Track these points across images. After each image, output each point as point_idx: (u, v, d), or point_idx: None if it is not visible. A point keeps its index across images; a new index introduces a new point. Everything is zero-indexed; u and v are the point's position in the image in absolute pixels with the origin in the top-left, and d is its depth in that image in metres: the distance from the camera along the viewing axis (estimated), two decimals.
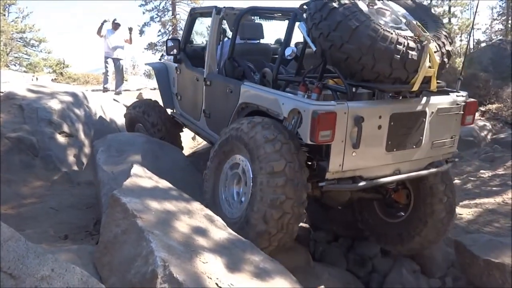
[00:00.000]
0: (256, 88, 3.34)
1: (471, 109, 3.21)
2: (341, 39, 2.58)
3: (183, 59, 4.72)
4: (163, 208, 2.44)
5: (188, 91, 4.68)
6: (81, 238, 3.55)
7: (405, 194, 3.61)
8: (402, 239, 3.56)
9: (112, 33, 9.08)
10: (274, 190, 2.67)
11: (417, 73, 2.65)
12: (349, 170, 2.79)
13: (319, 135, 2.58)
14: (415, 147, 3.00)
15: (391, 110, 2.82)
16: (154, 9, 26.08)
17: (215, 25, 4.07)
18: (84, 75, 15.55)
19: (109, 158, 3.82)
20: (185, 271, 1.90)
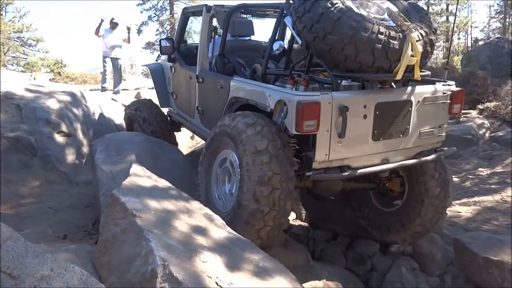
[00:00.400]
0: (244, 82, 3.40)
1: (458, 98, 3.23)
2: (324, 30, 2.64)
3: (177, 58, 4.79)
4: (163, 207, 2.43)
5: (183, 89, 4.75)
6: (80, 238, 3.54)
7: (399, 182, 3.64)
8: (403, 224, 3.57)
9: (110, 32, 9.05)
10: (260, 167, 2.73)
11: (400, 62, 2.69)
12: (336, 159, 2.83)
13: (303, 125, 2.62)
14: (402, 136, 3.03)
15: (376, 100, 2.86)
16: (152, 8, 26.02)
17: (206, 23, 4.13)
18: (82, 74, 15.51)
19: (108, 158, 3.81)
20: (184, 270, 1.90)
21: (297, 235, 4.40)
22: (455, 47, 23.16)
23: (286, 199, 2.80)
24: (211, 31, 4.21)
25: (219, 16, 4.13)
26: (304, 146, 2.93)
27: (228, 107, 3.56)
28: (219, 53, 3.92)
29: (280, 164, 2.77)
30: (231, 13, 3.87)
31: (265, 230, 2.80)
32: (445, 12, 23.77)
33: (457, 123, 9.53)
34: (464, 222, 4.85)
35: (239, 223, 2.79)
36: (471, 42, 24.92)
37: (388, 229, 3.71)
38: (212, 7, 4.12)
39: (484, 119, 9.69)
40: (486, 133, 9.11)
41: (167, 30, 24.80)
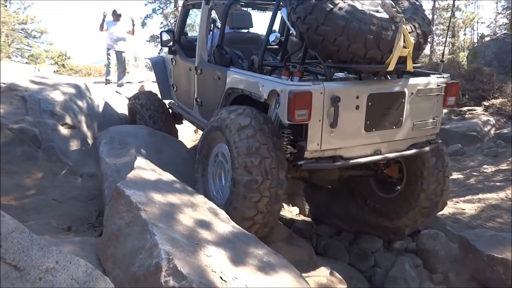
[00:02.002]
0: (240, 73, 3.45)
1: (452, 91, 3.24)
2: (317, 21, 2.68)
3: (177, 50, 4.83)
4: (167, 201, 2.42)
5: (183, 81, 4.79)
6: (84, 230, 3.55)
7: (397, 168, 3.66)
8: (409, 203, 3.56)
9: (113, 24, 9.00)
10: (246, 140, 2.84)
11: (392, 53, 2.72)
12: (328, 149, 2.86)
13: (295, 114, 2.65)
14: (395, 127, 3.05)
15: (369, 91, 2.89)
16: (156, 1, 25.92)
17: (205, 15, 4.18)
18: (86, 67, 15.51)
19: (112, 150, 3.81)
20: (189, 264, 1.89)
21: (300, 230, 4.39)
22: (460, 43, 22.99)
23: (278, 167, 2.84)
24: (210, 23, 4.25)
25: (218, 8, 4.13)
26: (298, 136, 2.97)
27: (225, 98, 3.60)
28: (217, 45, 3.94)
29: (265, 135, 2.87)
30: (230, 6, 3.89)
31: (263, 202, 2.83)
32: (452, 7, 23.56)
33: (462, 120, 9.47)
34: (468, 220, 4.83)
35: (237, 200, 2.84)
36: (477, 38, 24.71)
37: (397, 213, 3.69)
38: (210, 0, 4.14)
39: (489, 116, 9.61)
40: (491, 130, 9.04)
41: (171, 23, 24.72)
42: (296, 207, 5.43)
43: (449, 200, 5.13)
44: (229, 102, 3.56)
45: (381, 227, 4.10)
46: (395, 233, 4.16)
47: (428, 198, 3.50)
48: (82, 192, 4.41)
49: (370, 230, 4.19)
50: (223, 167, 3.27)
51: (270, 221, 2.97)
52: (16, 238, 1.46)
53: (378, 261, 3.90)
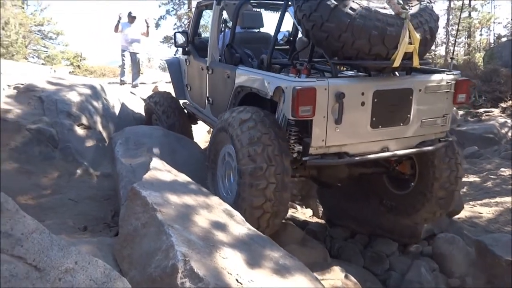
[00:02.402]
0: (248, 71, 3.50)
1: (463, 88, 3.19)
2: (321, 18, 2.70)
3: (191, 51, 4.91)
4: (183, 202, 2.43)
5: (196, 81, 4.86)
6: (100, 230, 3.58)
7: (409, 164, 3.62)
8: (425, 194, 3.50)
9: (128, 26, 9.09)
10: (248, 132, 2.91)
11: (397, 49, 2.71)
12: (334, 145, 2.87)
13: (299, 110, 2.68)
14: (402, 124, 3.03)
15: (374, 87, 2.88)
16: (170, 2, 26.13)
17: (216, 15, 4.24)
18: (101, 67, 15.70)
19: (127, 151, 3.84)
20: (205, 266, 1.89)
21: (314, 232, 4.38)
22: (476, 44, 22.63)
23: (281, 155, 2.88)
24: (221, 23, 4.31)
25: (229, 9, 4.18)
26: (305, 134, 2.98)
27: (234, 96, 3.64)
28: (227, 44, 4.00)
29: (266, 126, 2.94)
30: (240, 6, 3.94)
31: (270, 189, 2.83)
32: (467, 7, 23.23)
33: (478, 122, 9.33)
34: (486, 224, 4.76)
35: (244, 190, 2.87)
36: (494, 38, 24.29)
37: (414, 208, 3.62)
38: (222, 0, 4.19)
39: (506, 118, 9.45)
40: (508, 132, 8.89)
41: (185, 24, 24.88)
42: (309, 209, 5.41)
43: (465, 204, 5.07)
44: (238, 101, 3.60)
45: (396, 229, 4.06)
46: (411, 236, 4.12)
47: (442, 187, 3.43)
48: (97, 192, 4.46)
49: (385, 233, 4.15)
50: (231, 167, 3.29)
51: (281, 210, 2.95)
52: (36, 239, 1.47)
53: (393, 265, 3.86)
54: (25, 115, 4.97)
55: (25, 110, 5.05)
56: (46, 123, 4.94)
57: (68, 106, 5.23)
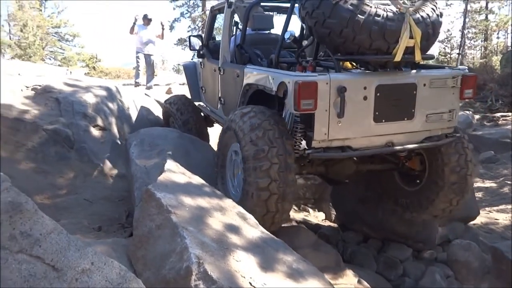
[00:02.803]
0: (255, 69, 3.57)
1: (469, 83, 3.18)
2: (324, 15, 2.79)
3: (205, 54, 5.02)
4: (197, 204, 2.44)
5: (209, 82, 4.96)
6: (114, 230, 3.62)
7: (419, 160, 3.61)
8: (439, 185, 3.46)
9: (143, 28, 9.19)
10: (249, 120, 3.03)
11: (398, 43, 2.76)
12: (336, 139, 2.91)
13: (301, 104, 2.73)
14: (407, 119, 3.04)
15: (377, 82, 2.92)
16: (184, 5, 26.32)
17: (227, 18, 4.36)
18: (116, 69, 15.88)
19: (142, 152, 3.88)
20: (219, 269, 1.90)
21: (327, 236, 4.35)
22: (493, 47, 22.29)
23: (282, 137, 2.96)
24: (232, 25, 4.43)
25: (240, 11, 4.25)
26: (309, 130, 3.01)
27: (243, 95, 3.71)
28: (237, 45, 4.11)
29: (266, 115, 3.04)
30: (251, 8, 4.02)
31: (274, 169, 2.88)
32: (484, 10, 22.90)
33: (495, 126, 9.18)
34: (502, 230, 4.67)
35: (249, 174, 2.93)
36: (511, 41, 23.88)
37: (428, 199, 3.57)
38: (232, 3, 4.31)
39: None
40: None
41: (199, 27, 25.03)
42: (322, 212, 5.38)
43: (481, 209, 4.98)
44: (246, 99, 3.67)
45: (410, 235, 4.02)
46: (425, 242, 4.07)
47: (453, 171, 3.38)
48: (112, 193, 4.50)
49: (398, 238, 4.11)
50: (237, 164, 3.35)
51: (287, 192, 2.95)
52: (54, 239, 1.50)
53: (407, 270, 3.81)
54: (42, 116, 5.05)
55: (42, 111, 5.14)
56: (63, 124, 5.02)
57: (84, 108, 5.30)
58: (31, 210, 1.49)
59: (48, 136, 4.88)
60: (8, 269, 1.37)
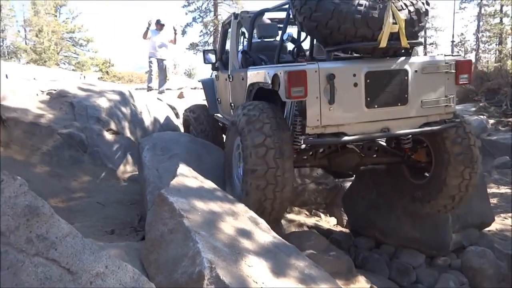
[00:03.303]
0: (256, 68, 3.73)
1: (464, 68, 3.22)
2: (310, 10, 2.97)
3: (219, 66, 5.25)
4: (209, 208, 2.45)
5: (223, 91, 5.12)
6: (126, 234, 3.64)
7: (425, 152, 3.63)
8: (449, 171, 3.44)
9: (156, 33, 9.27)
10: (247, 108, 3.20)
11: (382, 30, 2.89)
12: (330, 125, 3.00)
13: (291, 91, 2.87)
14: (400, 104, 3.10)
15: (366, 68, 3.02)
16: (196, 10, 26.55)
17: (234, 28, 4.63)
18: (128, 74, 16.07)
19: (155, 157, 3.91)
20: (231, 274, 1.90)
21: (338, 241, 4.32)
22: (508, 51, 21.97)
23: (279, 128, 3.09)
24: (239, 35, 4.72)
25: (245, 22, 4.49)
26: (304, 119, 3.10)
27: (248, 96, 3.84)
28: (242, 51, 4.32)
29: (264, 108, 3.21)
30: (255, 18, 4.27)
31: (270, 155, 2.99)
32: (499, 13, 22.62)
33: (510, 131, 9.04)
34: None
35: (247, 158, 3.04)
36: None
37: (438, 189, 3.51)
38: (238, 14, 4.63)
39: None
40: None
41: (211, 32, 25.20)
42: (333, 217, 5.35)
43: (496, 216, 4.90)
44: (251, 99, 3.78)
45: (423, 241, 3.97)
46: (438, 248, 4.02)
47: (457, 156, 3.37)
48: (124, 196, 4.55)
49: (411, 244, 4.07)
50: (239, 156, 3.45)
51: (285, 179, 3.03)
52: (70, 242, 1.52)
53: (420, 277, 3.77)
54: (57, 120, 5.14)
55: (57, 115, 5.23)
56: (77, 128, 5.09)
57: (97, 112, 5.38)
58: (47, 214, 1.51)
59: (63, 140, 4.96)
60: (25, 272, 1.39)
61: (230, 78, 4.56)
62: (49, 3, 26.53)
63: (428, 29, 25.43)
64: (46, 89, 5.64)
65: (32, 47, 24.07)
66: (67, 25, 26.90)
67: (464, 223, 4.16)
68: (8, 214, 1.44)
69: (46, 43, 22.87)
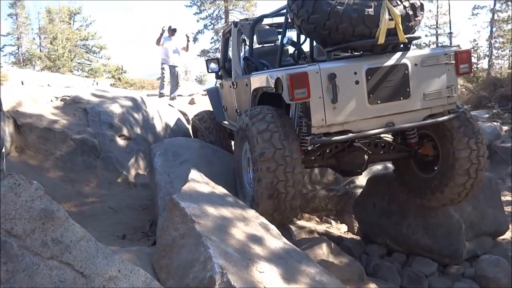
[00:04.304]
0: (259, 74, 3.79)
1: (463, 58, 3.25)
2: (307, 12, 3.03)
3: (223, 75, 5.32)
4: (220, 214, 2.46)
5: (228, 99, 5.18)
6: (138, 239, 3.68)
7: (431, 145, 3.64)
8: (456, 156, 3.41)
9: (169, 39, 9.37)
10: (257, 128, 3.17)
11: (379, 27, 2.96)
12: (334, 124, 3.04)
13: (294, 93, 2.91)
14: (403, 98, 3.13)
15: (366, 66, 3.06)
16: (207, 17, 26.78)
17: (235, 36, 4.73)
18: (140, 80, 16.23)
19: (166, 162, 3.94)
20: (242, 280, 1.91)
21: (349, 248, 4.28)
22: None
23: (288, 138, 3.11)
24: (240, 42, 4.79)
25: (245, 29, 4.57)
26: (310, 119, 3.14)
27: (253, 101, 3.88)
28: (244, 57, 4.44)
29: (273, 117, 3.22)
30: (254, 25, 4.34)
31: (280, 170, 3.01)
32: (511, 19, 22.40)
33: None
34: None
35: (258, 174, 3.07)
36: None
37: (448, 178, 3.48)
38: (238, 23, 4.74)
39: None
40: None
41: None
42: (344, 224, 5.32)
43: (511, 224, 4.82)
44: (256, 103, 3.83)
45: (435, 249, 3.92)
46: (451, 257, 3.96)
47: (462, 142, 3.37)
48: (136, 201, 4.59)
49: (423, 252, 4.02)
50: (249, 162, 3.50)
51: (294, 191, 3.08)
52: (83, 246, 1.54)
53: (432, 286, 3.72)
54: (71, 126, 5.22)
55: (71, 120, 5.31)
56: (90, 134, 5.16)
57: (110, 118, 5.45)
58: (62, 218, 1.54)
59: (76, 146, 5.03)
60: (40, 275, 1.41)
61: (234, 85, 4.63)
62: (63, 12, 27.03)
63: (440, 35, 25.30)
64: (60, 95, 5.74)
65: (46, 54, 24.50)
66: (80, 33, 27.35)
67: (477, 231, 4.10)
68: (24, 217, 1.47)
69: (60, 50, 23.27)
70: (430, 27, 24.88)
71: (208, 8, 26.73)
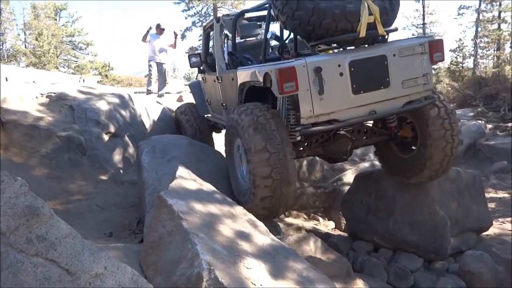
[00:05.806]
0: (245, 68, 3.89)
1: (437, 47, 3.44)
2: (292, 9, 3.17)
3: (205, 69, 5.38)
4: (208, 211, 2.46)
5: (212, 93, 5.24)
6: (125, 236, 3.65)
7: (410, 127, 3.88)
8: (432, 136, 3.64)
9: (156, 37, 9.30)
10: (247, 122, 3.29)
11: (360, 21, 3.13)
12: (322, 114, 3.17)
13: (283, 87, 3.02)
14: (383, 87, 3.29)
15: (349, 58, 3.21)
16: (196, 14, 26.64)
17: (217, 32, 4.79)
18: (128, 77, 16.08)
19: (154, 160, 3.91)
20: (229, 276, 1.91)
21: (337, 245, 4.32)
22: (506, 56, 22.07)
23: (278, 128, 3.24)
24: (223, 37, 4.90)
25: (227, 24, 4.68)
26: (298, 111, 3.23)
27: (239, 94, 3.97)
28: (228, 52, 4.50)
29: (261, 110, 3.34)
30: (236, 20, 4.43)
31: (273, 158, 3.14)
32: (497, 19, 22.76)
33: (508, 136, 9.06)
34: None
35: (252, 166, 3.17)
36: None
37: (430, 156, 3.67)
38: (220, 18, 4.82)
39: None
40: None
41: None
42: (332, 221, 5.36)
43: (494, 220, 4.91)
44: (243, 97, 3.92)
45: (421, 245, 3.97)
46: (436, 252, 4.02)
47: (437, 121, 3.59)
48: (123, 199, 4.55)
49: (409, 248, 4.07)
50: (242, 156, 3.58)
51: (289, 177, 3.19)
52: (69, 243, 1.53)
53: (417, 281, 3.77)
54: (56, 123, 5.14)
55: (57, 118, 5.23)
56: (76, 131, 5.10)
57: (97, 115, 5.38)
58: (47, 214, 1.52)
59: (62, 143, 4.96)
60: (25, 272, 1.40)
61: (219, 79, 4.69)
62: (49, 7, 26.60)
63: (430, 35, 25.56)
64: (46, 92, 5.65)
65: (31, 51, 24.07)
66: (66, 29, 26.94)
67: (462, 227, 4.17)
68: (8, 214, 1.45)
69: (46, 47, 22.88)
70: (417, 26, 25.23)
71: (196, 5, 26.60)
